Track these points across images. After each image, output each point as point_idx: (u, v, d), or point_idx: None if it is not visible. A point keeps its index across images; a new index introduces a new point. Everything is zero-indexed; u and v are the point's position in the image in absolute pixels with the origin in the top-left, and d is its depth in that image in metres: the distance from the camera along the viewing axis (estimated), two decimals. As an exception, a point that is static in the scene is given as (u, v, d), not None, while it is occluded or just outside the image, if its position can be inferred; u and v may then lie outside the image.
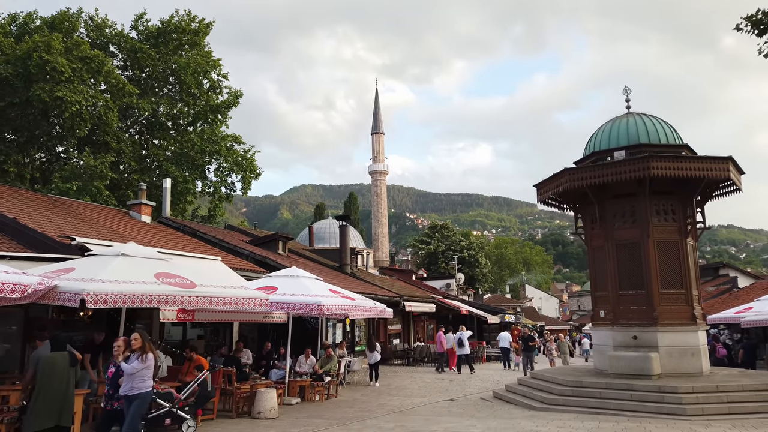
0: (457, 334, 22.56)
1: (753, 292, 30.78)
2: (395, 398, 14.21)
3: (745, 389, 10.99)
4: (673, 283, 13.03)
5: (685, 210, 13.47)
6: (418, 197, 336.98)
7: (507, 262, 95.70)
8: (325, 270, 24.55)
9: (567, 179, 13.28)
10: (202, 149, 31.01)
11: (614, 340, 13.23)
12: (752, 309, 20.58)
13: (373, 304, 13.92)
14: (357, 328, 23.44)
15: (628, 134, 13.75)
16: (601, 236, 13.92)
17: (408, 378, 19.19)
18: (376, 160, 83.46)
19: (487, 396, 14.44)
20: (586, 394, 11.85)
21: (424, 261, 67.75)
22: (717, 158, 12.40)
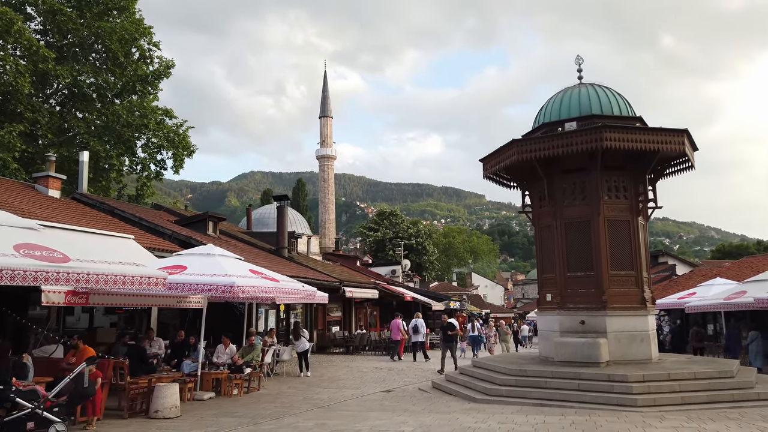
0: (413, 321, 21.94)
1: (692, 279, 31.16)
2: (325, 391, 12.85)
3: (698, 377, 10.23)
4: (624, 265, 12.21)
5: (637, 187, 12.65)
6: (369, 186, 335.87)
7: (455, 251, 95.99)
8: (260, 253, 22.86)
9: (515, 151, 12.20)
10: (128, 122, 28.47)
11: (561, 325, 12.31)
12: (696, 294, 20.41)
13: (301, 287, 12.46)
14: (293, 315, 21.91)
15: (580, 105, 12.78)
16: (549, 214, 12.94)
17: (344, 368, 17.88)
18: (323, 144, 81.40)
19: (425, 386, 13.30)
20: (530, 383, 10.84)
21: (372, 248, 66.60)
22: (673, 130, 11.58)
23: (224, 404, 10.81)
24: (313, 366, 18.07)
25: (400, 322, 22.16)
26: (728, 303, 16.96)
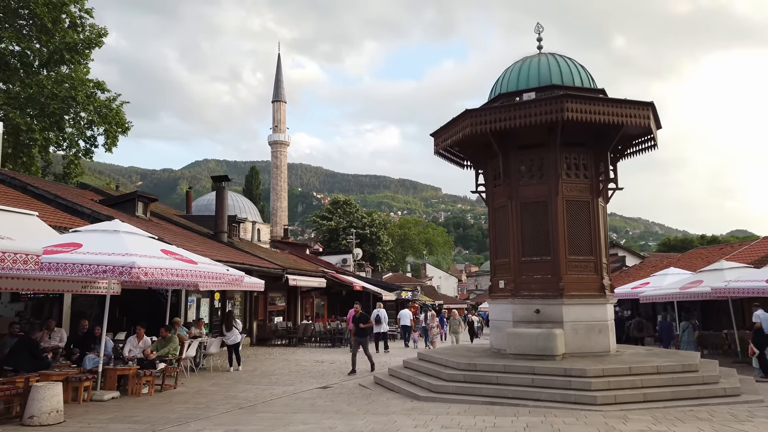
0: (375, 312, 21.21)
1: (642, 269, 31.13)
2: (253, 388, 11.41)
3: (661, 371, 9.34)
4: (582, 249, 11.25)
5: (598, 165, 11.71)
6: (326, 177, 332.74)
7: (410, 242, 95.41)
8: (195, 237, 21.05)
9: (468, 123, 11.01)
10: (54, 94, 25.94)
11: (514, 314, 11.27)
12: (649, 284, 19.93)
13: (225, 271, 10.91)
14: (230, 304, 20.25)
15: (539, 74, 11.71)
16: (504, 194, 11.85)
17: (282, 361, 16.43)
18: (276, 129, 78.88)
19: (367, 382, 12.04)
20: (480, 379, 9.73)
21: (325, 237, 64.99)
22: (638, 102, 10.63)
23: (127, 406, 9.22)
24: (248, 359, 16.57)
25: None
26: (684, 293, 16.43)
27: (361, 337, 13.98)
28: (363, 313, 14.50)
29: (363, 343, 14.02)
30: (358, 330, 14.00)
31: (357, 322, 14.08)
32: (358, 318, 14.12)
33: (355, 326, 14.06)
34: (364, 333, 14.11)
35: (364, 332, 14.20)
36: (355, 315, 14.35)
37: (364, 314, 14.52)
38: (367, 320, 14.34)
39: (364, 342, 14.07)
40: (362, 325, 14.03)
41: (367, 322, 14.28)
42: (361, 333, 14.00)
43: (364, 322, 14.11)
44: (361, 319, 14.09)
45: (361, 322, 14.02)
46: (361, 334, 14.01)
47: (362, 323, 14.02)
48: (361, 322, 14.01)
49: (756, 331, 13.04)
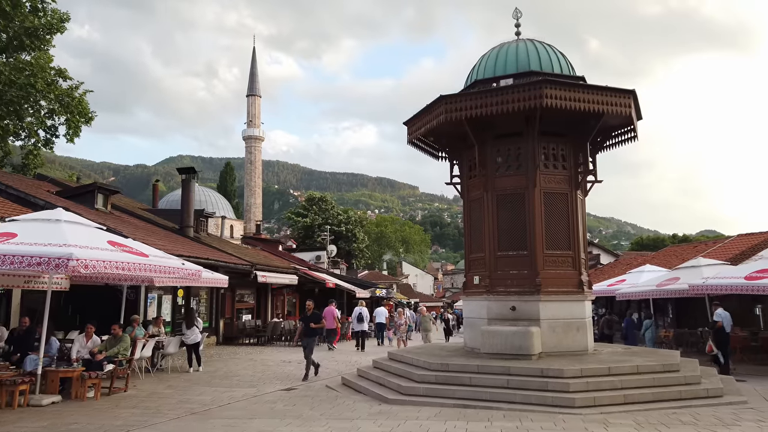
0: (356, 310, 20.96)
1: (617, 267, 31.09)
2: (212, 390, 10.65)
3: (641, 371, 8.89)
4: (560, 243, 10.77)
5: (577, 156, 11.24)
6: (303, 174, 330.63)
7: (386, 240, 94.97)
8: (158, 231, 20.11)
9: (443, 110, 10.43)
10: (11, 81, 24.61)
11: (489, 311, 10.73)
12: (625, 281, 19.68)
13: (180, 265, 10.12)
14: (195, 301, 19.36)
15: (518, 60, 11.18)
16: (480, 185, 11.30)
17: (248, 361, 15.65)
18: (251, 124, 77.52)
19: (334, 383, 11.38)
20: (453, 380, 9.16)
21: (300, 234, 63.98)
22: (620, 90, 10.17)
23: (66, 411, 8.40)
24: (212, 359, 15.76)
25: (334, 310, 20.93)
26: (661, 290, 16.16)
27: (309, 338, 12.23)
28: (316, 311, 13.09)
29: (309, 345, 12.16)
30: (307, 329, 12.30)
31: (307, 321, 12.43)
32: (309, 317, 12.49)
33: (305, 326, 12.40)
34: (314, 333, 12.45)
35: (315, 333, 12.52)
36: (306, 313, 12.79)
37: (317, 313, 12.95)
38: (319, 320, 12.70)
39: (311, 344, 12.20)
40: (313, 325, 12.31)
41: (319, 322, 12.62)
42: (311, 333, 12.31)
43: (315, 321, 12.44)
44: (312, 318, 12.45)
45: (312, 321, 12.36)
46: (311, 334, 12.30)
47: (313, 323, 12.35)
48: (312, 322, 12.34)
49: (717, 330, 13.15)
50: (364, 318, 20.95)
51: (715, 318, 13.75)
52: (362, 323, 20.79)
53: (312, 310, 12.79)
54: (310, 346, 12.15)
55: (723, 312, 13.64)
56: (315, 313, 12.79)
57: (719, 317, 13.56)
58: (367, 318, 21.24)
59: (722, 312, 13.66)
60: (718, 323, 13.39)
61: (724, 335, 13.02)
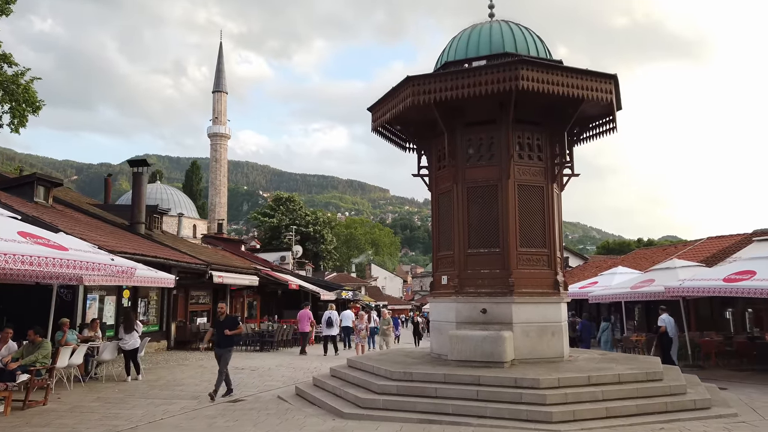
0: (326, 314, 20.07)
1: (587, 270, 30.73)
2: (147, 403, 9.43)
3: (623, 380, 8.08)
4: (535, 241, 9.93)
5: (554, 147, 10.43)
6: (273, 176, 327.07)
7: (356, 242, 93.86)
8: (105, 227, 18.64)
9: (410, 92, 9.47)
10: (-54, 63, 22.75)
11: (458, 314, 9.81)
12: (597, 283, 19.10)
13: (110, 261, 8.88)
14: (143, 303, 17.96)
15: (491, 41, 10.32)
16: (449, 177, 10.38)
17: (196, 368, 14.38)
18: (216, 121, 75.40)
19: (287, 394, 10.29)
20: (416, 391, 8.18)
21: (266, 235, 62.35)
22: (600, 74, 9.39)
23: (-40, 432, 7.11)
24: (157, 366, 14.45)
25: (309, 313, 20.19)
26: (636, 292, 15.55)
27: (222, 348, 10.01)
28: (231, 315, 11.30)
29: (224, 356, 9.96)
30: (220, 338, 10.02)
31: (220, 327, 10.08)
32: (222, 322, 10.16)
33: (218, 333, 10.11)
34: (229, 342, 10.10)
35: (230, 341, 10.15)
36: (219, 318, 10.41)
37: (233, 317, 10.66)
38: (235, 325, 10.20)
39: (225, 355, 9.99)
40: (228, 332, 9.98)
41: (236, 327, 10.14)
42: (226, 342, 10.02)
43: (231, 327, 10.06)
44: (226, 324, 10.10)
45: (226, 327, 10.02)
46: (226, 343, 10.03)
47: (228, 329, 10.00)
48: (226, 328, 10.00)
49: (661, 335, 13.78)
50: (334, 322, 20.04)
51: (659, 323, 14.07)
52: (332, 328, 19.89)
53: (225, 313, 10.60)
54: (224, 358, 9.95)
55: (667, 317, 14.00)
56: (230, 317, 10.57)
57: (663, 322, 13.91)
58: (337, 322, 20.36)
59: (666, 317, 14.01)
60: (661, 328, 13.84)
61: (668, 340, 13.49)
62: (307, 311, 20.22)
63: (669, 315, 14.07)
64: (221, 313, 10.55)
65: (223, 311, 10.67)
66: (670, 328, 13.76)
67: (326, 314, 20.38)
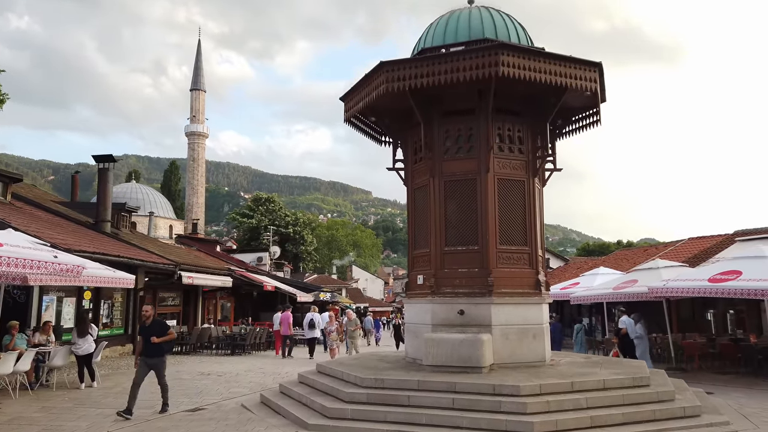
0: (308, 316, 19.63)
1: (567, 271, 30.45)
2: (96, 413, 8.66)
3: (608, 386, 7.55)
4: (516, 238, 9.38)
5: (536, 140, 9.91)
6: (255, 177, 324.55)
7: (337, 244, 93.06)
8: (67, 225, 17.72)
9: (383, 79, 8.87)
10: None
11: (434, 316, 9.21)
12: (579, 284, 18.70)
13: (52, 259, 8.11)
14: (107, 305, 17.06)
15: (470, 27, 9.76)
16: (426, 170, 9.79)
17: (160, 374, 13.55)
18: (194, 120, 74.08)
19: (251, 402, 9.60)
20: (388, 399, 7.55)
21: (245, 236, 61.28)
22: (584, 62, 8.88)
23: None
24: (117, 372, 13.60)
25: (290, 316, 19.67)
26: (618, 293, 15.14)
27: (152, 358, 8.55)
28: (159, 319, 9.38)
29: (156, 366, 8.61)
30: (148, 346, 8.56)
31: (147, 333, 8.55)
32: (149, 327, 8.60)
33: (145, 340, 8.59)
34: (158, 351, 8.62)
35: (160, 350, 8.66)
36: (144, 323, 8.76)
37: (161, 322, 9.06)
38: (165, 330, 8.68)
39: (159, 366, 8.64)
40: (156, 339, 8.48)
41: (165, 333, 8.65)
42: (154, 351, 8.56)
43: (159, 333, 8.56)
44: (153, 329, 8.55)
45: (153, 333, 8.49)
46: (154, 352, 8.57)
47: (156, 335, 8.49)
48: (153, 334, 8.48)
49: (622, 337, 13.98)
50: (316, 324, 19.50)
51: (620, 325, 14.31)
52: (314, 330, 19.34)
53: (152, 317, 8.81)
54: (158, 371, 8.66)
55: (627, 319, 14.19)
56: (158, 321, 8.89)
57: (623, 324, 14.16)
58: (319, 324, 19.78)
59: (626, 319, 14.21)
60: (622, 330, 14.07)
61: (629, 341, 13.73)
62: (288, 314, 19.73)
63: (629, 317, 14.19)
64: (147, 317, 8.76)
65: (149, 315, 8.80)
66: (630, 329, 13.85)
67: (308, 316, 19.83)
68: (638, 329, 13.84)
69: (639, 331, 13.85)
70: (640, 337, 13.78)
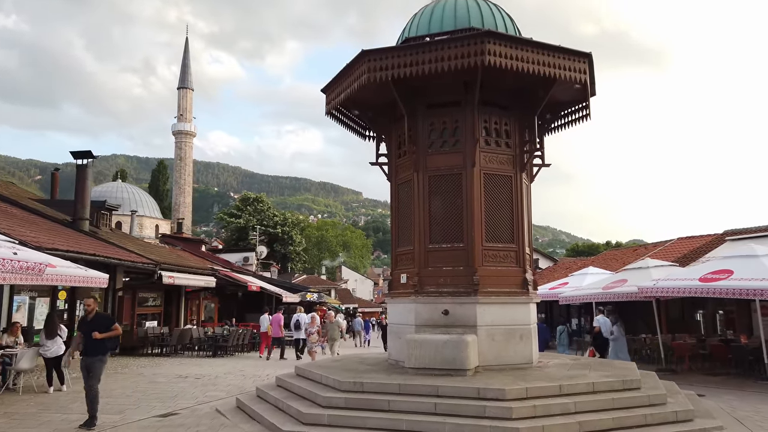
0: (294, 316, 19.32)
1: (556, 271, 30.23)
2: (60, 419, 8.20)
3: (597, 390, 7.22)
4: (502, 235, 9.04)
5: (523, 134, 9.58)
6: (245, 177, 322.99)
7: (327, 244, 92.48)
8: (41, 223, 17.16)
9: (365, 69, 8.49)
10: None
11: (417, 316, 8.84)
12: (568, 284, 18.42)
13: (11, 256, 7.64)
14: (81, 307, 16.51)
15: (456, 16, 9.41)
16: (410, 165, 9.43)
17: (135, 376, 13.09)
18: (181, 118, 73.29)
19: (226, 407, 9.17)
20: (367, 404, 7.16)
21: (233, 236, 60.64)
22: (574, 52, 8.54)
23: None
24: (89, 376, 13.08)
25: (281, 317, 19.45)
26: (608, 293, 14.87)
27: (90, 357, 7.60)
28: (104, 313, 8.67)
29: (93, 367, 7.58)
30: (88, 343, 7.63)
31: (89, 328, 7.67)
32: (91, 322, 7.76)
33: (85, 337, 7.69)
34: (100, 349, 7.64)
35: (102, 348, 7.67)
36: (86, 317, 7.96)
37: (105, 316, 8.46)
38: (108, 325, 7.82)
39: (96, 367, 7.62)
40: (98, 335, 7.58)
41: (109, 329, 7.77)
42: (95, 348, 7.59)
43: (102, 328, 7.68)
44: (96, 324, 7.70)
45: (95, 328, 7.62)
46: (95, 350, 7.59)
47: (99, 331, 7.61)
48: (95, 329, 7.61)
49: (595, 335, 14.21)
50: (301, 324, 19.04)
51: (594, 323, 14.50)
52: (300, 331, 18.94)
53: (95, 311, 7.95)
54: (94, 371, 7.58)
55: (602, 318, 14.36)
56: (101, 315, 8.12)
57: (597, 323, 14.34)
58: (304, 324, 19.19)
59: (601, 318, 14.39)
60: (596, 328, 14.26)
61: (603, 340, 13.96)
62: (279, 315, 19.44)
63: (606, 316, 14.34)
64: (89, 311, 7.91)
65: (91, 309, 7.92)
66: (604, 328, 13.99)
67: (294, 317, 19.47)
68: (614, 329, 13.86)
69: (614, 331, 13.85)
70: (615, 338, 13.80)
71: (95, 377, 7.65)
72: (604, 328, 14.03)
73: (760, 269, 11.41)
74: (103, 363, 7.80)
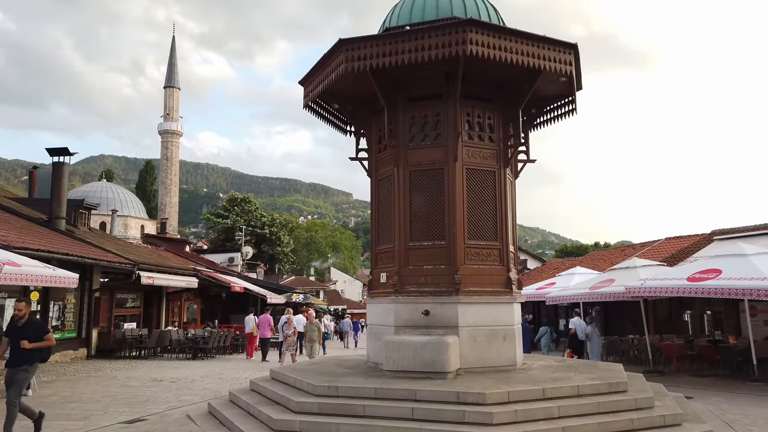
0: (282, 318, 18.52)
1: (544, 272, 30.06)
2: (20, 426, 7.73)
3: (582, 393, 6.91)
4: (485, 233, 8.71)
5: (507, 128, 9.26)
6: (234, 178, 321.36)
7: (316, 246, 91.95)
8: (15, 222, 16.64)
9: (343, 59, 8.14)
10: None
11: (397, 317, 8.49)
12: (555, 284, 18.16)
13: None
14: (57, 306, 16.02)
15: (438, 5, 9.09)
16: (390, 160, 9.08)
17: (108, 380, 12.63)
18: (168, 118, 72.46)
19: (197, 413, 8.78)
20: (341, 409, 6.80)
21: (220, 237, 59.96)
22: (559, 42, 8.24)
23: None
24: (60, 379, 12.65)
25: (270, 318, 19.08)
26: (595, 293, 14.62)
27: (15, 367, 6.92)
28: (36, 319, 7.94)
29: (18, 379, 6.89)
30: (16, 352, 6.92)
31: (17, 336, 6.92)
32: (22, 328, 6.99)
33: (12, 344, 6.98)
34: (27, 358, 6.95)
35: (29, 357, 6.97)
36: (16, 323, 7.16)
37: (38, 321, 7.88)
38: (41, 334, 7.05)
39: (21, 379, 6.94)
40: (27, 345, 6.83)
41: (41, 338, 7.00)
42: (22, 358, 6.90)
43: (33, 337, 6.91)
44: (27, 332, 6.94)
45: (26, 336, 6.87)
46: (21, 359, 6.91)
47: (28, 339, 6.86)
48: (26, 338, 6.86)
49: (571, 337, 14.54)
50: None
51: (570, 326, 14.83)
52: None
53: (27, 316, 7.17)
54: (17, 382, 6.86)
55: (577, 320, 14.64)
56: (33, 321, 7.31)
57: (573, 325, 14.63)
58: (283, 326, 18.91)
59: (576, 320, 14.66)
60: (571, 330, 14.55)
61: (577, 341, 14.31)
62: (267, 316, 19.10)
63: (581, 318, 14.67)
64: (20, 317, 7.14)
65: (23, 313, 7.13)
66: (579, 330, 14.27)
67: (283, 318, 19.08)
68: (588, 330, 14.25)
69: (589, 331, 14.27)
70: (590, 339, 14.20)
71: (18, 391, 6.84)
72: (579, 330, 14.33)
73: (749, 268, 11.20)
74: (28, 374, 7.13)
